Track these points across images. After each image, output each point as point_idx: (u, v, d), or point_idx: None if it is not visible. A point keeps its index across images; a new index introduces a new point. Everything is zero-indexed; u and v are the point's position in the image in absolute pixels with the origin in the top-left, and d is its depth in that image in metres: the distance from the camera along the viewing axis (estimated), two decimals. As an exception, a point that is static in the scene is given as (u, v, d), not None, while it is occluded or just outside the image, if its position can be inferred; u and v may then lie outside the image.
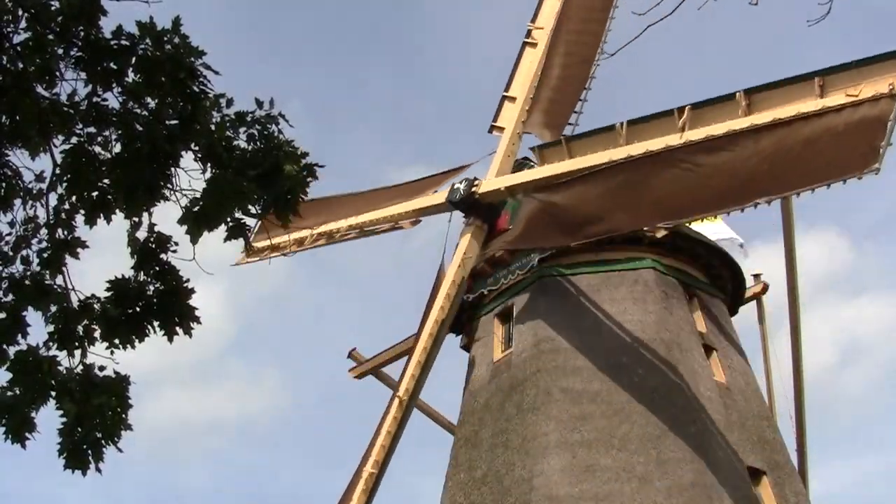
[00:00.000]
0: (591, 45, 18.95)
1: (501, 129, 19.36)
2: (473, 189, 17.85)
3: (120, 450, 6.05)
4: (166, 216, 6.43)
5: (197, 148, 6.16)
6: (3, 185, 6.43)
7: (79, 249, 6.46)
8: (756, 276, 20.85)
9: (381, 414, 16.64)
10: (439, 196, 18.74)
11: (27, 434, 6.15)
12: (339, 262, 59.81)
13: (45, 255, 6.43)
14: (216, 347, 56.37)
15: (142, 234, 6.45)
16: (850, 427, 49.39)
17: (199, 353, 55.76)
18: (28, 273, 6.42)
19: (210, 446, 53.67)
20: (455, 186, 18.28)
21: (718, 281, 19.33)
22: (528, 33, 20.41)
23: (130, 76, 6.14)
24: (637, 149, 15.05)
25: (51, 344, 6.24)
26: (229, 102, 6.24)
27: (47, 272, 6.37)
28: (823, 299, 54.80)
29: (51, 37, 6.12)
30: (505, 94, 19.88)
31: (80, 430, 5.97)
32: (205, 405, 54.72)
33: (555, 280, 17.86)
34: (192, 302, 6.38)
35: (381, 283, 55.48)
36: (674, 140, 14.59)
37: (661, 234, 17.90)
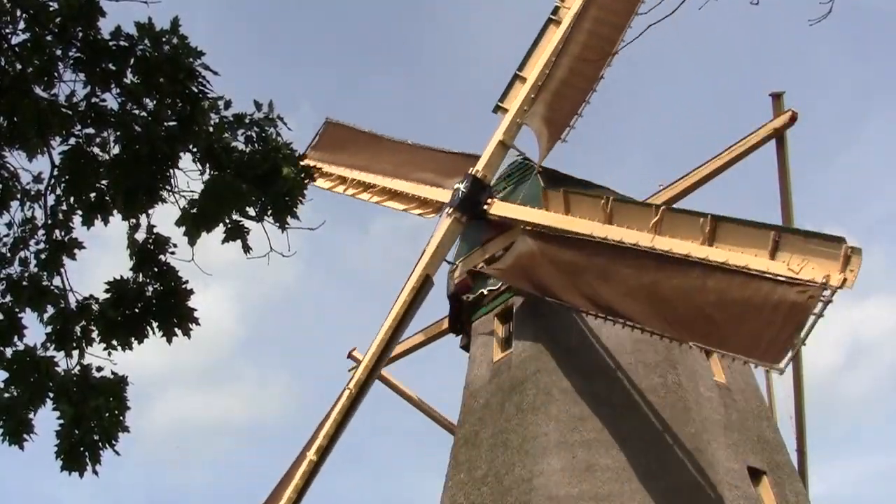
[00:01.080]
0: (610, 40, 18.04)
1: (506, 109, 19.04)
2: (486, 206, 18.05)
3: (117, 452, 6.05)
4: (165, 217, 6.43)
5: (195, 149, 6.15)
6: (1, 186, 6.42)
7: (76, 250, 6.45)
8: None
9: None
10: (444, 195, 18.86)
11: (25, 436, 6.14)
12: (343, 263, 59.78)
13: (43, 256, 6.42)
14: (226, 349, 56.46)
15: (141, 235, 6.44)
16: (853, 427, 49.43)
17: (209, 355, 55.84)
18: (26, 274, 6.42)
19: (217, 448, 53.73)
20: (455, 187, 18.28)
21: (718, 281, 19.30)
22: (556, 10, 19.66)
23: (129, 77, 6.13)
24: (614, 234, 15.02)
25: (48, 345, 6.23)
26: (228, 104, 6.24)
27: (45, 273, 6.36)
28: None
29: (50, 38, 6.11)
30: (518, 72, 19.36)
31: (77, 431, 5.96)
32: (213, 407, 54.80)
33: (555, 280, 17.84)
34: (191, 303, 6.38)
35: (381, 282, 55.51)
36: (644, 240, 14.55)
37: (661, 233, 17.87)
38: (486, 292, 18.78)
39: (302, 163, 6.20)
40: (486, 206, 18.04)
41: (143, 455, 52.32)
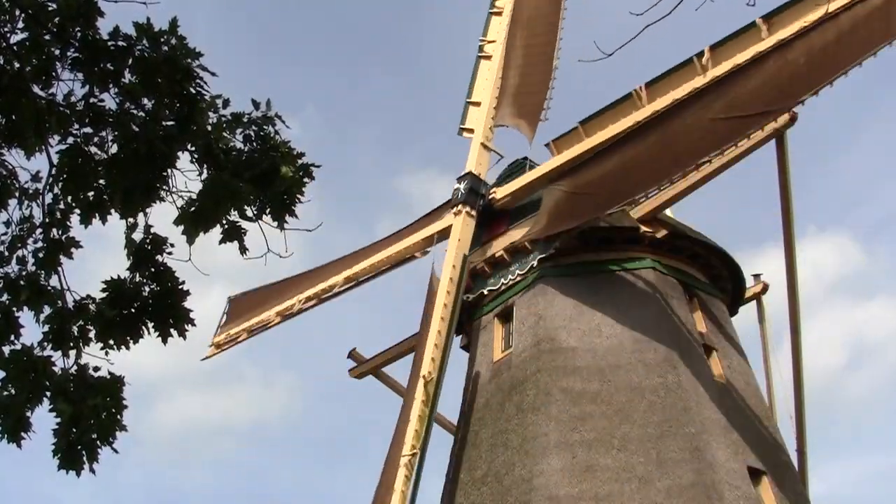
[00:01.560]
0: (548, 39, 20.00)
1: (471, 130, 20.22)
2: (491, 197, 18.43)
3: (115, 450, 6.05)
4: (163, 217, 6.43)
5: (193, 149, 6.16)
6: (-1, 184, 6.43)
7: (74, 250, 6.46)
8: (756, 276, 20.84)
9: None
10: (448, 219, 18.82)
11: (23, 434, 6.15)
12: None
13: (41, 255, 6.42)
14: (229, 351, 56.27)
15: (138, 235, 6.44)
16: (854, 427, 49.44)
17: (214, 357, 55.63)
18: (24, 273, 6.42)
19: (219, 448, 53.76)
20: (455, 187, 18.30)
21: (718, 281, 19.31)
22: (481, 48, 21.52)
23: (127, 77, 6.14)
24: (662, 103, 15.43)
25: (45, 344, 6.24)
26: (226, 103, 6.25)
27: (42, 273, 6.36)
28: (834, 302, 54.89)
29: (48, 37, 6.12)
30: (468, 100, 20.85)
31: (74, 431, 5.96)
32: (215, 408, 54.85)
33: (555, 280, 17.84)
34: (188, 304, 6.38)
35: (385, 283, 55.43)
36: (699, 82, 14.98)
37: (661, 234, 17.89)
38: (486, 292, 18.78)
39: (301, 161, 6.21)
40: (490, 197, 18.41)
41: (147, 456, 52.50)
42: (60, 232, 6.42)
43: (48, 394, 6.09)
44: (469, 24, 56.90)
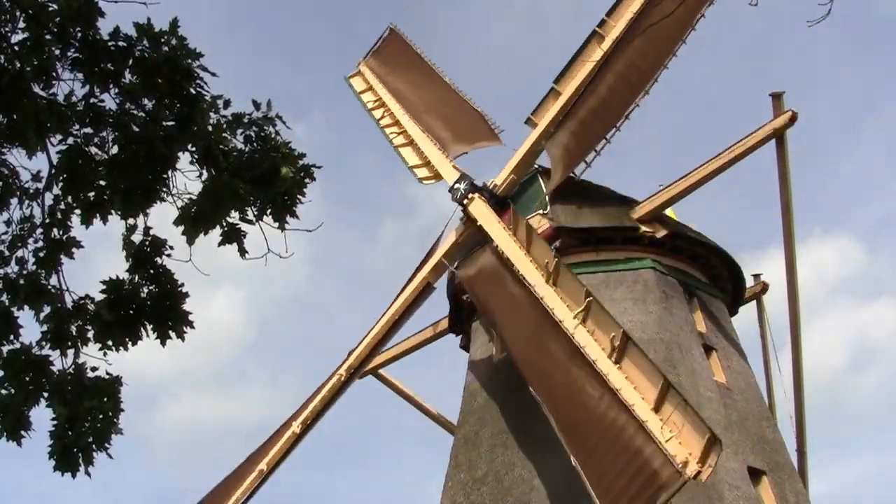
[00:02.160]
0: (646, 74, 17.16)
1: (536, 124, 18.53)
2: (467, 200, 17.68)
3: (110, 456, 6.04)
4: (163, 218, 6.42)
5: (194, 149, 6.15)
6: (0, 184, 6.43)
7: (74, 249, 6.45)
8: (756, 276, 20.84)
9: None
10: (446, 166, 18.78)
11: (23, 432, 6.15)
12: (352, 266, 59.81)
13: (41, 254, 6.42)
14: (236, 351, 56.63)
15: (138, 236, 6.44)
16: (856, 428, 49.48)
17: (220, 357, 55.96)
18: (24, 273, 6.42)
19: (225, 449, 53.82)
20: (455, 187, 18.18)
21: (718, 281, 19.30)
22: (602, 23, 18.47)
23: (128, 77, 6.14)
24: (550, 300, 14.75)
25: (44, 343, 6.23)
26: (227, 104, 6.25)
27: (42, 272, 6.36)
28: (838, 303, 54.94)
29: (49, 37, 6.12)
30: (555, 84, 18.64)
31: (70, 433, 5.96)
32: (223, 409, 54.93)
33: (555, 280, 17.81)
34: (187, 306, 6.36)
35: (389, 284, 55.55)
36: (569, 323, 14.20)
37: (661, 234, 17.88)
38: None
39: (302, 161, 6.20)
40: (465, 202, 17.68)
41: (152, 456, 52.59)
42: (61, 232, 6.42)
43: (45, 394, 6.08)
44: (477, 24, 57.01)
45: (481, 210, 17.37)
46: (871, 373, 53.88)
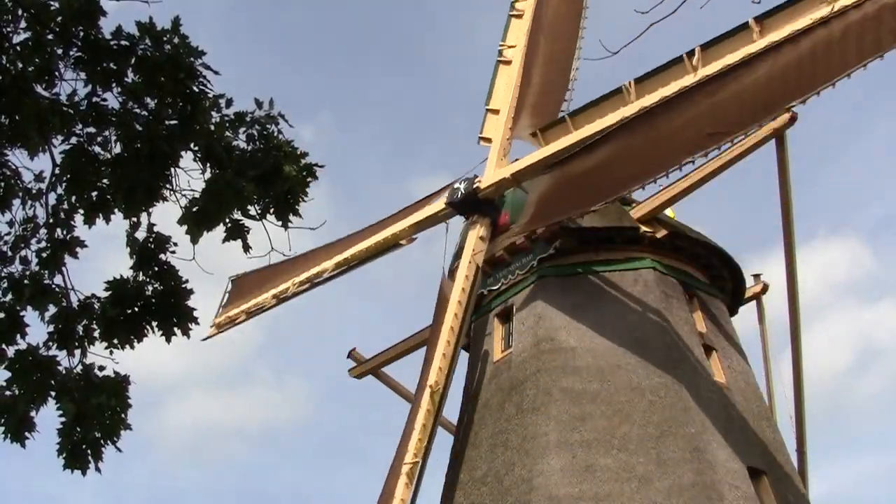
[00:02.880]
0: (569, 46, 19.24)
1: (489, 139, 19.47)
2: (475, 186, 17.81)
3: (119, 449, 6.05)
4: (167, 217, 6.43)
5: (196, 148, 6.16)
6: (2, 184, 6.43)
7: (78, 249, 6.46)
8: (756, 276, 20.85)
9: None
10: (437, 204, 18.64)
11: (27, 433, 6.15)
12: (360, 269, 59.80)
13: (44, 254, 6.42)
14: (245, 353, 56.72)
15: (141, 234, 6.45)
16: (862, 429, 49.53)
17: (228, 359, 56.03)
18: (27, 273, 6.42)
19: (232, 450, 53.85)
20: (455, 187, 18.23)
21: (718, 281, 19.31)
22: (500, 52, 20.69)
23: (130, 76, 6.14)
24: (650, 99, 15.26)
25: (50, 344, 6.23)
26: (229, 102, 6.26)
27: (46, 272, 6.36)
28: (843, 304, 54.99)
29: (50, 37, 6.12)
30: (487, 107, 20.11)
31: (79, 430, 5.96)
32: (230, 410, 54.97)
33: (554, 280, 17.83)
34: (191, 303, 6.37)
35: (394, 286, 55.57)
36: (688, 80, 14.81)
37: (661, 234, 17.89)
38: (485, 292, 18.75)
39: (304, 160, 6.21)
40: (474, 187, 17.84)
41: (159, 456, 52.64)
42: (65, 232, 6.42)
43: (53, 393, 6.09)
44: (480, 25, 57.02)
45: (495, 174, 18.11)
46: (876, 373, 53.93)
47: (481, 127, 19.94)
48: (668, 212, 18.83)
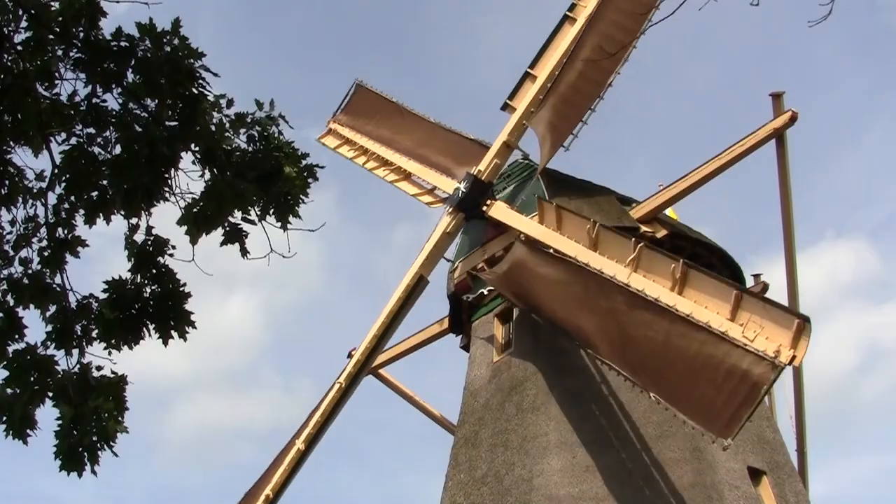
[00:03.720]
0: (622, 44, 17.35)
1: (514, 108, 18.72)
2: (485, 207, 17.90)
3: (115, 454, 6.04)
4: (166, 217, 6.43)
5: (196, 149, 6.16)
6: (7, 182, 6.43)
7: (80, 248, 6.46)
8: (756, 276, 20.83)
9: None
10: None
11: (28, 430, 6.15)
12: (366, 272, 60.00)
13: (46, 253, 6.42)
14: (252, 355, 56.83)
15: (140, 236, 6.44)
16: (866, 429, 49.59)
17: (236, 360, 56.12)
18: (29, 272, 6.42)
19: (239, 451, 53.92)
20: (456, 186, 18.24)
21: (718, 281, 19.29)
22: (572, 7, 19.07)
23: (130, 77, 6.14)
24: (595, 262, 14.88)
25: (49, 343, 6.24)
26: (230, 103, 6.26)
27: (47, 271, 6.36)
28: (850, 306, 55.03)
29: (51, 37, 6.12)
30: (529, 70, 18.99)
31: (75, 432, 5.96)
32: (237, 411, 55.06)
33: (555, 280, 17.83)
34: (189, 306, 6.36)
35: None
36: (622, 275, 14.39)
37: (661, 234, 17.87)
38: (486, 292, 18.75)
39: (305, 161, 6.21)
40: (485, 208, 17.97)
41: (166, 457, 52.72)
42: (66, 231, 6.42)
43: (50, 393, 6.09)
44: (483, 25, 56.96)
45: (502, 211, 17.82)
46: (881, 374, 53.97)
47: (513, 91, 18.88)
48: (670, 212, 18.83)
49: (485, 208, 17.91)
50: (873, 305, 55.31)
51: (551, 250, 15.89)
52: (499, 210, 17.88)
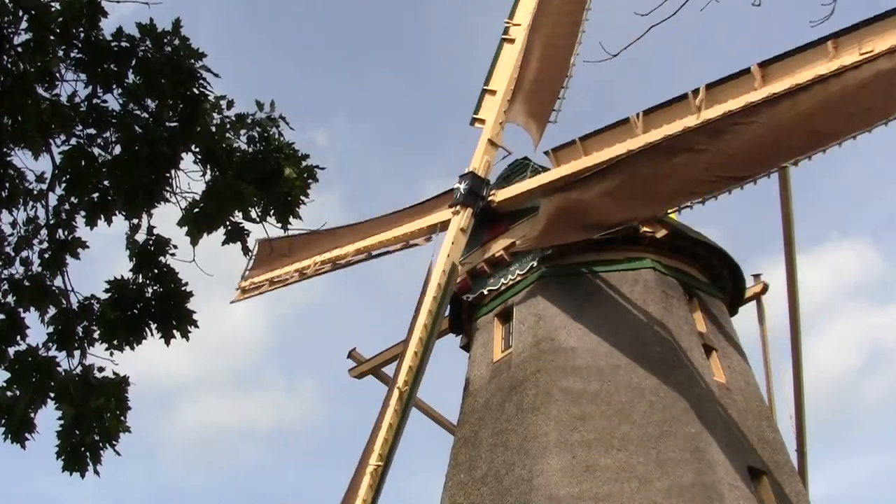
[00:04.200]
0: (569, 37, 19.27)
1: (483, 120, 19.56)
2: (490, 198, 18.12)
3: (118, 452, 6.04)
4: (167, 218, 6.43)
5: (197, 150, 6.16)
6: (7, 184, 6.43)
7: (80, 249, 6.46)
8: (756, 276, 20.86)
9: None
10: (447, 212, 18.58)
11: (27, 434, 6.15)
12: (372, 274, 60.10)
13: (46, 255, 6.42)
14: (257, 356, 56.89)
15: (141, 236, 6.44)
16: (870, 429, 49.61)
17: (240, 362, 56.16)
18: (30, 273, 6.42)
19: (243, 452, 53.95)
20: (455, 187, 18.25)
21: (718, 281, 19.33)
22: (506, 30, 20.61)
23: (130, 78, 6.14)
24: (654, 135, 15.43)
25: (50, 345, 6.23)
26: (230, 104, 6.25)
27: (48, 272, 6.36)
28: (853, 306, 55.08)
29: (51, 38, 6.11)
30: (485, 87, 20.08)
31: (77, 432, 5.96)
32: (241, 412, 55.12)
33: (555, 280, 17.85)
34: (191, 305, 6.36)
35: (405, 293, 55.69)
36: (691, 121, 14.90)
37: (661, 234, 17.89)
38: (486, 292, 18.78)
39: (305, 162, 6.21)
40: (490, 198, 18.15)
41: (170, 457, 52.74)
42: (66, 232, 6.42)
43: (52, 395, 6.09)
44: (486, 25, 56.89)
45: (509, 190, 18.35)
46: (884, 375, 53.98)
47: (476, 107, 19.97)
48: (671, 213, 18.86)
49: (490, 198, 18.09)
50: (876, 306, 55.32)
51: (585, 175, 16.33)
52: (504, 192, 18.30)
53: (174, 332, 6.32)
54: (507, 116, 19.29)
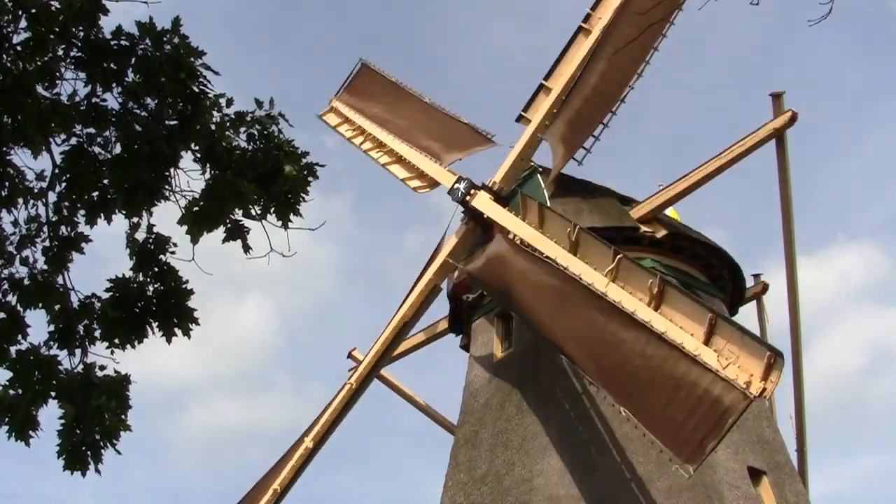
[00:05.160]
0: (636, 58, 17.26)
1: (528, 121, 18.21)
2: (468, 196, 17.43)
3: (118, 451, 6.04)
4: (167, 216, 6.43)
5: (197, 148, 6.16)
6: (7, 183, 6.43)
7: (84, 244, 6.46)
8: (756, 276, 20.86)
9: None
10: (441, 173, 18.50)
11: (31, 432, 6.15)
12: (378, 275, 60.08)
13: (50, 253, 6.42)
14: (265, 357, 56.91)
15: (141, 234, 6.45)
16: (874, 429, 49.63)
17: (249, 363, 56.19)
18: (33, 272, 6.43)
19: (251, 453, 53.98)
20: (455, 187, 18.16)
21: (718, 281, 19.31)
22: (587, 17, 18.57)
23: (130, 76, 6.14)
24: (575, 267, 14.65)
25: (51, 343, 6.23)
26: (230, 102, 6.26)
27: (49, 271, 6.36)
28: (858, 308, 55.10)
29: (51, 37, 6.11)
30: (543, 81, 18.40)
31: (78, 431, 5.96)
32: (249, 413, 55.14)
33: (555, 280, 17.81)
34: (191, 303, 6.36)
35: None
36: (600, 284, 14.15)
37: (661, 234, 17.89)
38: (486, 292, 18.76)
39: (305, 160, 6.21)
40: (468, 197, 17.40)
41: (179, 458, 52.76)
42: (69, 229, 6.42)
43: (53, 393, 6.08)
44: (475, 24, 56.94)
45: (485, 202, 17.22)
46: (890, 376, 53.99)
47: (527, 103, 18.41)
48: (671, 212, 18.85)
49: (468, 198, 17.40)
50: (882, 308, 55.34)
51: (532, 249, 15.59)
52: (481, 201, 17.32)
53: (175, 330, 6.33)
54: (545, 132, 17.83)
